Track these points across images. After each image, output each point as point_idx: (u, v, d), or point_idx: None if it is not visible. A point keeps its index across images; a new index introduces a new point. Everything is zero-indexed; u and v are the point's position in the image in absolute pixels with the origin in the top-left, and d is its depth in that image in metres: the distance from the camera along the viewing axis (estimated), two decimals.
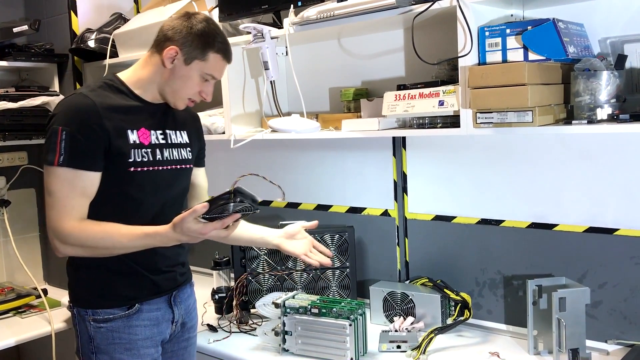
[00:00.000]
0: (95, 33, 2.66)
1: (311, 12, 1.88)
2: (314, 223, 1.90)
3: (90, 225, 1.55)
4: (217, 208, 1.43)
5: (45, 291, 2.76)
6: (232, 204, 1.43)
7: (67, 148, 1.52)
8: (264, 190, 1.59)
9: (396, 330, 1.92)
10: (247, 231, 1.87)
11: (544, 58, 1.55)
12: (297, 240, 1.87)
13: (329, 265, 1.87)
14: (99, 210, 1.58)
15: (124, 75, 1.70)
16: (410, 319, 1.97)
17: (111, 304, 1.64)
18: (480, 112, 1.60)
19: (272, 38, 2.06)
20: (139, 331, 1.66)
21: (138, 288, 1.67)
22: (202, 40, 1.62)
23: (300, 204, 2.45)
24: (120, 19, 2.72)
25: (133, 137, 1.62)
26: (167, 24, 1.67)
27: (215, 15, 2.25)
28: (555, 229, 1.84)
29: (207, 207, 1.42)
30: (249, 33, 2.09)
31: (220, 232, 1.50)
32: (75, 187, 1.54)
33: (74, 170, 1.54)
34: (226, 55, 1.68)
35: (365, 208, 2.26)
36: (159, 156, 1.67)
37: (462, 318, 1.92)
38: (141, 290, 1.67)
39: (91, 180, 1.57)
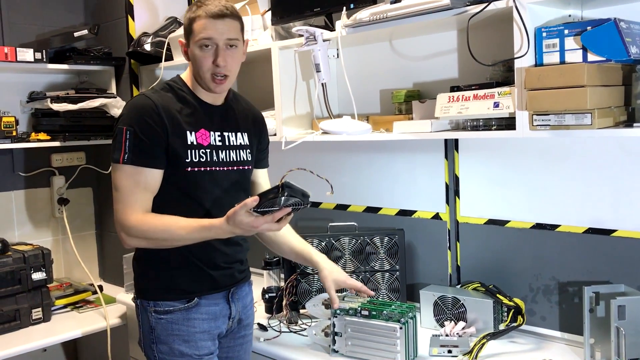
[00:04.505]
0: (151, 37, 2.73)
1: (364, 14, 1.88)
2: (368, 292, 1.88)
3: (151, 218, 1.63)
4: (267, 202, 1.48)
5: (100, 287, 2.85)
6: (282, 198, 1.47)
7: (131, 147, 1.61)
8: (314, 190, 1.61)
9: (447, 335, 1.90)
10: (309, 251, 1.91)
11: (604, 59, 1.51)
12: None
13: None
14: (161, 205, 1.66)
15: (184, 76, 1.77)
16: (461, 323, 1.94)
17: (172, 296, 1.71)
18: (537, 114, 1.57)
19: (324, 40, 2.07)
20: (197, 324, 1.72)
21: (198, 282, 1.73)
22: (188, 21, 1.68)
23: (350, 205, 2.45)
24: (175, 23, 2.78)
25: (191, 138, 1.68)
26: None
27: (268, 18, 2.28)
28: (614, 234, 1.78)
29: (258, 201, 1.47)
30: (301, 36, 2.11)
31: (272, 226, 1.53)
32: (138, 183, 1.62)
33: (136, 167, 1.62)
34: (206, 11, 1.62)
35: (415, 211, 2.24)
36: (216, 157, 1.72)
37: (515, 324, 1.88)
38: (200, 285, 1.73)
39: (153, 176, 1.64)
